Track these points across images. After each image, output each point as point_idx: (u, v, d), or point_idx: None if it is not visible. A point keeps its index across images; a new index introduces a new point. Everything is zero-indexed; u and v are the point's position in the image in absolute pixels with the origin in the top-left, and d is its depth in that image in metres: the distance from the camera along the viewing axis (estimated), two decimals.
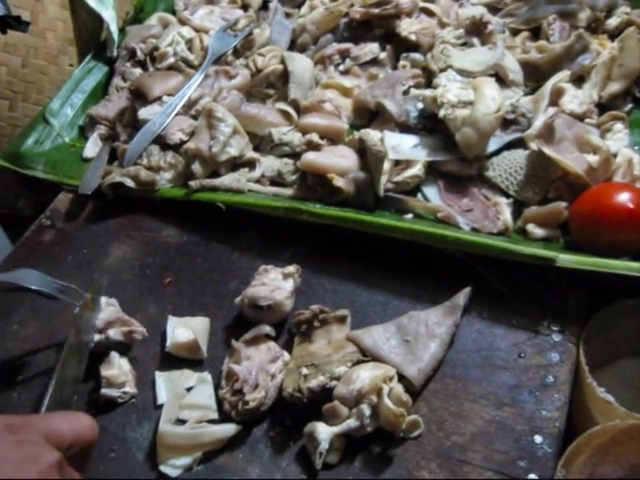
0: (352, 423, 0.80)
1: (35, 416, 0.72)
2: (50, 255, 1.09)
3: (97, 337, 0.92)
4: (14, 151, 1.23)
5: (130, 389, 0.90)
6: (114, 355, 0.91)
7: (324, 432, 0.79)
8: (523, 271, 0.91)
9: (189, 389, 0.90)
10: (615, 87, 1.09)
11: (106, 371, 0.90)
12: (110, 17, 1.33)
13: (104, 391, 0.89)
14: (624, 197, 0.89)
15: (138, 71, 1.29)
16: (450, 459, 0.79)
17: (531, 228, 0.96)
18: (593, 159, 0.97)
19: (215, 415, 0.86)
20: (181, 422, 0.86)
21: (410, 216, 1.00)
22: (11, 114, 1.25)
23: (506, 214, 0.97)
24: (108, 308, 0.95)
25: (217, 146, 1.06)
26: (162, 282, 1.02)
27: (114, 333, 0.93)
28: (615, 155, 0.99)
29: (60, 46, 1.31)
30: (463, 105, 1.01)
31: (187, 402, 0.88)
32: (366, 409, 0.80)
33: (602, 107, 1.09)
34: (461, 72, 1.11)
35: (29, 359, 0.97)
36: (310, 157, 1.03)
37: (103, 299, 0.96)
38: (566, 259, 0.87)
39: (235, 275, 1.00)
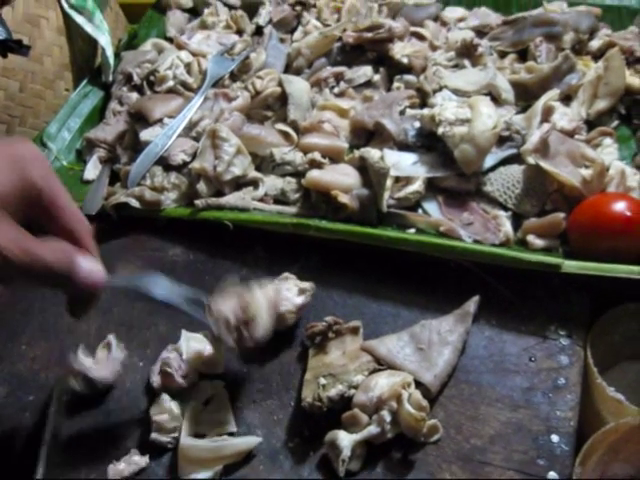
0: (373, 429, 0.81)
1: None
2: None
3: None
4: None
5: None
6: (165, 398, 0.89)
7: (345, 439, 0.81)
8: (527, 279, 0.95)
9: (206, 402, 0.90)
10: (602, 104, 1.14)
11: (157, 415, 0.88)
12: (106, 42, 1.35)
13: (154, 436, 0.87)
14: (621, 206, 0.93)
15: (135, 95, 1.30)
16: (471, 461, 0.81)
17: (531, 239, 0.99)
18: (587, 172, 1.01)
19: (234, 428, 0.87)
20: (201, 436, 0.87)
21: (412, 231, 1.03)
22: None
23: (507, 226, 1.00)
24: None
25: (222, 165, 1.07)
26: None
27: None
28: (607, 168, 1.03)
29: (56, 71, 1.32)
30: (460, 123, 1.04)
31: (205, 417, 0.88)
32: (387, 415, 0.81)
33: (590, 124, 1.14)
34: (456, 92, 1.15)
35: (39, 379, 0.97)
36: (315, 175, 1.05)
37: None
38: (571, 265, 0.90)
39: None
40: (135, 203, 1.10)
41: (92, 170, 1.23)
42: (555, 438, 0.81)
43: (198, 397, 0.90)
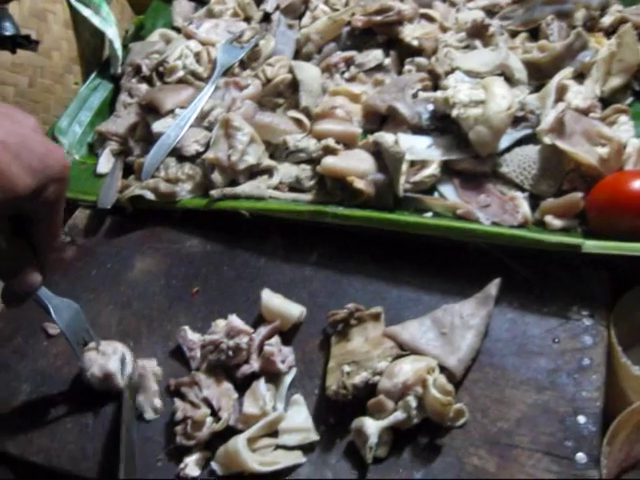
0: (399, 415, 0.81)
1: None
2: (73, 271, 1.09)
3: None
4: None
5: None
6: (261, 387, 0.90)
7: (372, 426, 0.81)
8: (547, 260, 0.94)
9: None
10: (616, 81, 1.13)
11: (248, 407, 0.88)
12: (114, 34, 1.34)
13: (240, 427, 0.87)
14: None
15: (144, 87, 1.30)
16: (498, 444, 0.80)
17: (549, 219, 0.98)
18: (603, 151, 1.00)
19: (316, 436, 0.86)
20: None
21: (429, 214, 1.02)
22: None
23: (524, 207, 1.00)
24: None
25: (236, 155, 1.07)
26: (190, 292, 1.03)
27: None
28: (624, 146, 1.02)
29: (65, 65, 1.32)
30: (475, 104, 1.03)
31: (285, 426, 0.87)
32: (412, 401, 0.81)
33: (604, 102, 1.13)
34: (469, 73, 1.14)
35: (62, 375, 0.97)
36: (329, 161, 1.05)
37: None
38: (591, 245, 0.89)
39: (263, 281, 1.01)
40: (150, 195, 1.10)
41: (105, 163, 1.22)
42: (582, 419, 0.80)
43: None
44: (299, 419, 0.87)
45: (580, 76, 1.15)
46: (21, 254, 0.77)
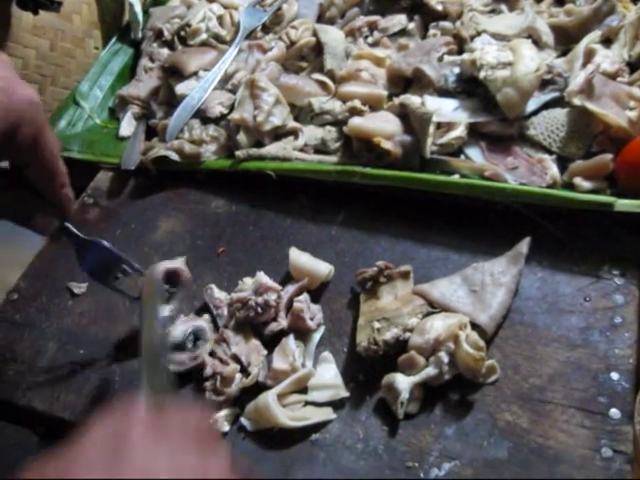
0: (431, 371, 0.81)
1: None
2: (97, 232, 1.08)
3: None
4: None
5: None
6: (290, 343, 0.89)
7: (403, 382, 0.80)
8: (577, 220, 0.93)
9: None
10: None
11: (278, 362, 0.87)
12: None
13: (269, 383, 0.86)
14: None
15: (165, 51, 1.29)
16: (531, 400, 0.80)
17: (578, 181, 0.97)
18: (632, 113, 1.00)
19: (346, 393, 0.85)
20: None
21: (456, 176, 1.01)
22: (40, 98, 1.23)
23: (553, 169, 0.99)
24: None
25: (261, 115, 1.06)
26: (215, 252, 1.02)
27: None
28: None
29: (86, 29, 1.32)
30: (502, 66, 1.02)
31: (315, 383, 0.87)
32: (444, 356, 0.81)
33: (631, 66, 1.12)
34: (495, 36, 1.13)
35: (88, 333, 0.97)
36: (356, 122, 1.04)
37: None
38: (624, 204, 0.89)
39: (290, 241, 1.00)
40: (175, 156, 1.09)
41: (127, 127, 1.22)
42: (615, 375, 0.80)
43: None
44: (328, 376, 0.87)
45: (607, 41, 1.14)
46: (28, 202, 0.77)
